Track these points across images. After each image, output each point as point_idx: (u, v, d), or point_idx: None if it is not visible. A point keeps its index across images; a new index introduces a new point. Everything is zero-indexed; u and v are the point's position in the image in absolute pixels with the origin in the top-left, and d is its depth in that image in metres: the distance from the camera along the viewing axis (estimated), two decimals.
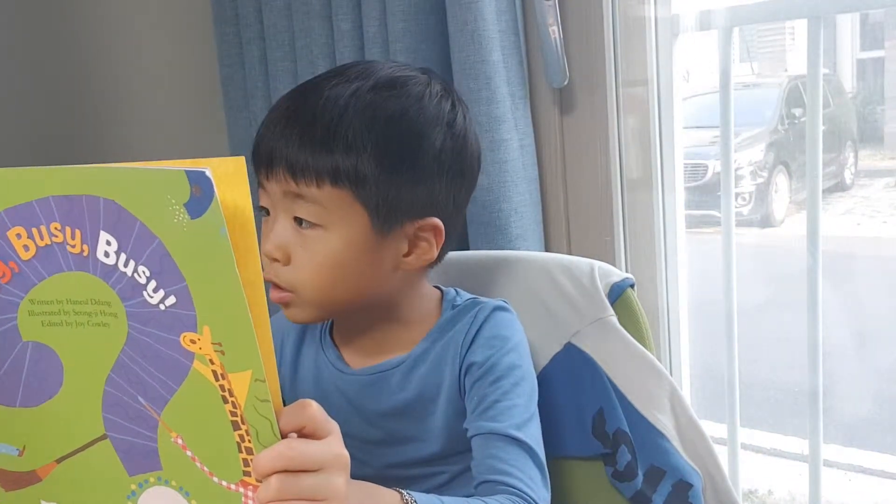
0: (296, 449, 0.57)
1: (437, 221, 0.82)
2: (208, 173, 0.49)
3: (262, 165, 0.80)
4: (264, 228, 0.81)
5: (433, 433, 0.86)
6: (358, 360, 0.89)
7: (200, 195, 0.49)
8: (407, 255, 0.82)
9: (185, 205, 0.50)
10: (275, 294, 0.80)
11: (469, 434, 0.81)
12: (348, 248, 0.79)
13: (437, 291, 0.91)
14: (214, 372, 0.55)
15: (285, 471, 0.57)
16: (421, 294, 0.88)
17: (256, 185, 0.77)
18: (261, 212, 0.82)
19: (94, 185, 0.53)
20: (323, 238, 0.78)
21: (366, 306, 0.84)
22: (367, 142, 0.77)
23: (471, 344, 0.84)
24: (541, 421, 0.84)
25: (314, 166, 0.76)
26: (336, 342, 0.91)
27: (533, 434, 0.81)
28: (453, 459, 0.87)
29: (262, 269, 0.67)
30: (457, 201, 0.85)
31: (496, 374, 0.82)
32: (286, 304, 0.81)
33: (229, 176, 0.51)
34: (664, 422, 0.90)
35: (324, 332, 0.92)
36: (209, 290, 0.52)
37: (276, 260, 0.79)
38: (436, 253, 0.83)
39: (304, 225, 0.78)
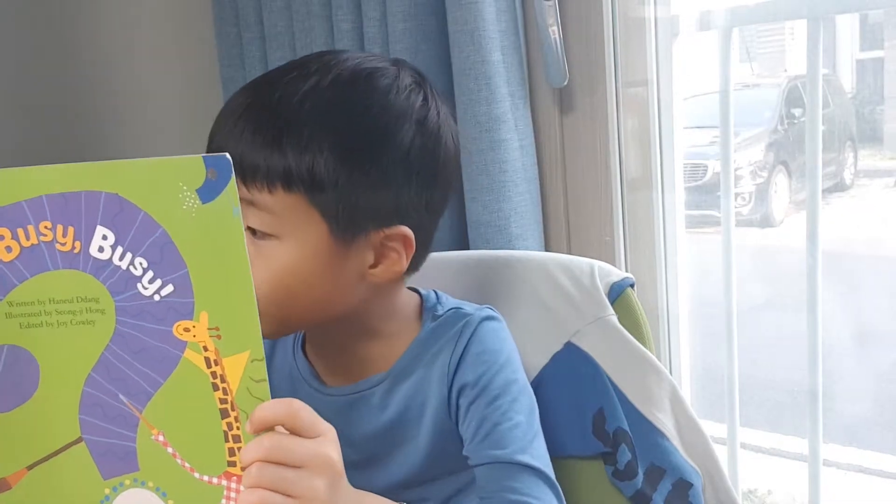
0: (278, 441, 0.57)
1: (407, 230, 0.74)
2: (228, 156, 0.53)
3: None
4: None
5: (416, 455, 0.82)
6: (334, 378, 0.84)
7: (216, 179, 0.53)
8: (373, 266, 0.75)
9: (198, 190, 0.53)
10: None
11: (472, 463, 0.77)
12: (306, 260, 0.72)
13: (416, 297, 0.84)
14: (207, 359, 0.56)
15: (267, 461, 0.56)
16: (394, 305, 0.81)
17: None
18: None
19: (97, 181, 0.55)
20: (278, 249, 0.72)
21: (333, 321, 0.78)
22: (322, 141, 0.70)
23: (459, 363, 0.79)
24: (541, 420, 0.82)
25: (265, 169, 0.70)
26: (308, 357, 0.85)
27: (540, 454, 0.78)
28: (438, 484, 0.84)
29: None
30: (430, 207, 0.77)
31: (492, 393, 0.78)
32: None
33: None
34: (664, 421, 0.90)
35: (296, 346, 0.86)
36: (213, 273, 0.55)
37: None
38: (405, 264, 0.76)
39: (257, 235, 0.72)
